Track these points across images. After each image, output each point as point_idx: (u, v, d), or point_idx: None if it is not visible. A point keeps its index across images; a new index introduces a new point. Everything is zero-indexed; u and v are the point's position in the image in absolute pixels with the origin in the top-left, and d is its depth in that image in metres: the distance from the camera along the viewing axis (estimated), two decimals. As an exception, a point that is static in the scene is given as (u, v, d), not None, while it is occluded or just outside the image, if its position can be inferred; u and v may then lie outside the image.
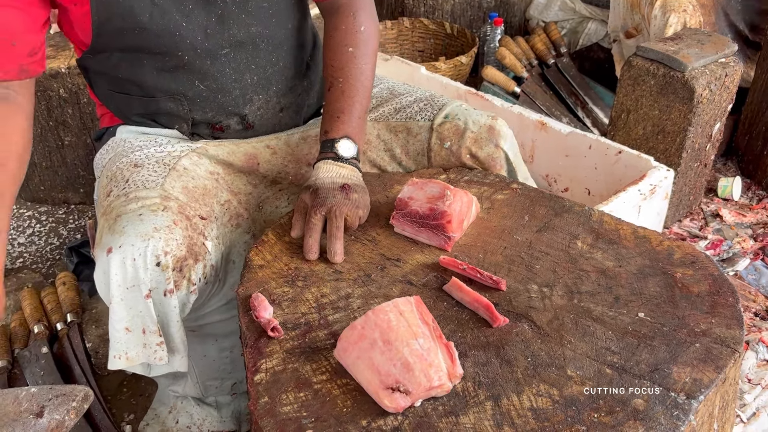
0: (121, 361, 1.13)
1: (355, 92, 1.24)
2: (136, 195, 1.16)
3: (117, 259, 1.07)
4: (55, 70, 2.08)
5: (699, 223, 2.19)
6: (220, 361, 1.42)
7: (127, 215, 1.12)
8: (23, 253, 2.16)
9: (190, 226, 1.15)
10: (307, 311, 1.02)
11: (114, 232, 1.10)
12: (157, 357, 1.14)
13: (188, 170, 1.24)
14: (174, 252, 1.10)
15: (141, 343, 1.13)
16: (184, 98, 1.26)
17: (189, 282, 1.13)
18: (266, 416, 0.86)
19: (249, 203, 1.32)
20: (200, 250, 1.16)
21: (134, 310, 1.10)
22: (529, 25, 3.04)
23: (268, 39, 1.27)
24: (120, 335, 1.12)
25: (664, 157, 2.00)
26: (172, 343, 1.16)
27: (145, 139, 1.30)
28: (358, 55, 1.26)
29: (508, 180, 1.30)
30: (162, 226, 1.11)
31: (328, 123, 1.23)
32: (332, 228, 1.11)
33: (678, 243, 1.11)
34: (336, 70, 1.26)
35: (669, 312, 0.98)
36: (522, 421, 0.83)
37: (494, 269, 1.08)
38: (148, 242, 1.08)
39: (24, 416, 1.02)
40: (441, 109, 1.38)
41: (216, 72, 1.25)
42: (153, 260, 1.08)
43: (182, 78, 1.24)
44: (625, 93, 2.03)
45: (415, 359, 0.86)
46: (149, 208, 1.13)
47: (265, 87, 1.31)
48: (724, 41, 1.99)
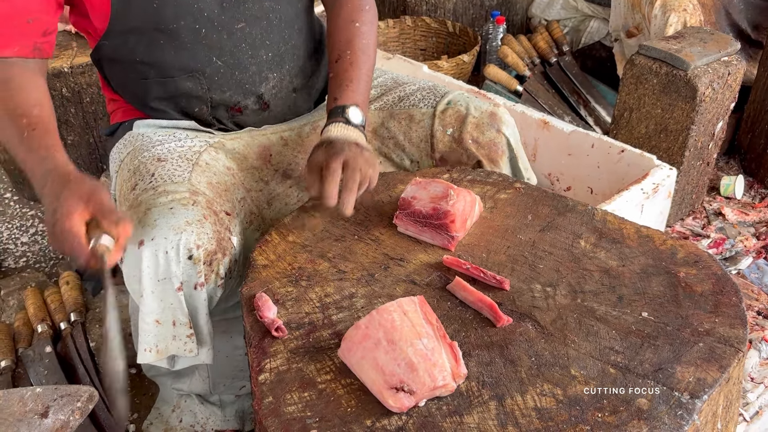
0: (152, 354, 1.15)
1: (363, 64, 1.28)
2: (165, 189, 1.17)
3: (149, 251, 1.08)
4: (57, 70, 2.09)
5: (702, 221, 2.19)
6: (233, 358, 1.43)
7: (158, 208, 1.13)
8: (26, 252, 2.17)
9: (217, 221, 1.17)
10: (311, 311, 1.03)
11: (146, 225, 1.11)
12: (187, 349, 1.15)
13: (210, 165, 1.26)
14: (205, 246, 1.11)
15: (171, 335, 1.14)
16: (202, 76, 1.27)
17: (217, 276, 1.15)
18: (270, 416, 0.86)
19: (259, 200, 1.33)
20: (227, 245, 1.17)
21: (165, 303, 1.11)
22: (532, 24, 3.04)
23: (280, 15, 1.30)
24: (150, 328, 1.13)
25: (666, 155, 2.00)
26: (201, 335, 1.17)
27: (163, 133, 1.31)
28: (364, 31, 1.31)
29: (511, 179, 1.30)
30: (194, 219, 1.12)
31: (337, 91, 1.25)
32: (348, 180, 1.12)
33: (681, 242, 1.11)
34: (343, 44, 1.30)
35: (672, 311, 0.98)
36: (526, 420, 0.84)
37: (497, 269, 1.08)
38: (181, 235, 1.09)
39: (29, 416, 1.02)
40: (443, 96, 1.42)
41: (232, 47, 1.27)
42: (185, 253, 1.09)
43: (200, 54, 1.25)
44: (627, 91, 2.03)
45: (419, 359, 0.86)
46: (179, 201, 1.14)
47: (279, 64, 1.34)
48: (727, 39, 1.99)
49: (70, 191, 0.99)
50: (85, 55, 2.15)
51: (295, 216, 1.23)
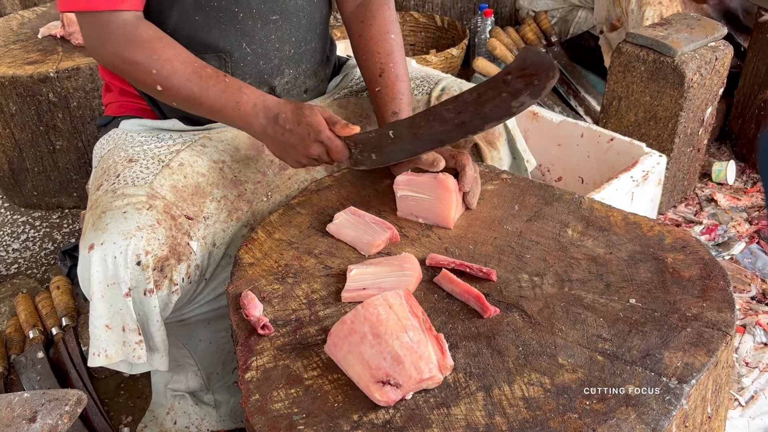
0: (101, 358, 1.13)
1: (405, 75, 1.33)
2: (124, 192, 1.16)
3: (98, 255, 1.07)
4: (44, 75, 2.08)
5: (694, 208, 2.19)
6: (217, 343, 1.42)
7: (112, 212, 1.12)
8: (18, 259, 2.16)
9: (174, 225, 1.15)
10: (298, 307, 1.02)
11: (97, 229, 1.10)
12: (135, 355, 1.13)
13: (183, 166, 1.24)
14: (155, 252, 1.10)
15: (120, 340, 1.12)
16: (229, 58, 1.29)
17: (171, 282, 1.13)
18: (257, 413, 0.86)
19: (257, 192, 1.32)
20: (184, 250, 1.15)
21: (114, 308, 1.10)
22: (519, 15, 3.03)
23: (309, 16, 1.34)
24: (100, 332, 1.12)
25: (656, 143, 2.00)
26: (152, 342, 1.16)
27: (147, 134, 1.31)
28: (399, 42, 1.36)
29: (498, 170, 1.29)
30: (145, 225, 1.10)
31: (392, 104, 1.29)
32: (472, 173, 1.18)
33: (669, 228, 1.10)
34: (384, 56, 1.34)
35: (660, 297, 0.98)
36: (514, 410, 0.83)
37: (485, 260, 1.08)
38: (130, 241, 1.08)
39: (17, 422, 1.02)
40: (437, 83, 1.45)
41: (263, 36, 1.29)
42: (133, 259, 1.08)
43: (231, 37, 1.27)
44: (615, 80, 2.03)
45: (405, 352, 0.86)
46: (134, 206, 1.13)
47: (297, 62, 1.37)
48: (714, 25, 1.98)
49: (309, 105, 1.17)
50: (71, 60, 2.14)
51: (281, 214, 1.23)
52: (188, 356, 1.42)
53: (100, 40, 1.17)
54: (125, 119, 1.35)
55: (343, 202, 1.23)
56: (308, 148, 1.17)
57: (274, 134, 1.17)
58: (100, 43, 1.17)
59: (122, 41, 1.15)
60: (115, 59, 1.17)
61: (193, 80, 1.16)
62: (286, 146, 1.18)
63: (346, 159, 1.20)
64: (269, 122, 1.17)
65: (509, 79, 1.01)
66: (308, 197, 1.26)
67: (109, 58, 1.18)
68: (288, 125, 1.16)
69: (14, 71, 2.09)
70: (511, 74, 1.01)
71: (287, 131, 1.16)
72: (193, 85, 1.16)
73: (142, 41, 1.15)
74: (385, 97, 1.30)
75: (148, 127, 1.33)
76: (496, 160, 1.41)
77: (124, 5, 1.14)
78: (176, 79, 1.16)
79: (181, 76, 1.16)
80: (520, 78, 1.00)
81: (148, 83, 1.17)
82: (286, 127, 1.16)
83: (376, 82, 1.32)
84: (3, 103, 2.13)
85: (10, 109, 2.14)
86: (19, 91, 2.10)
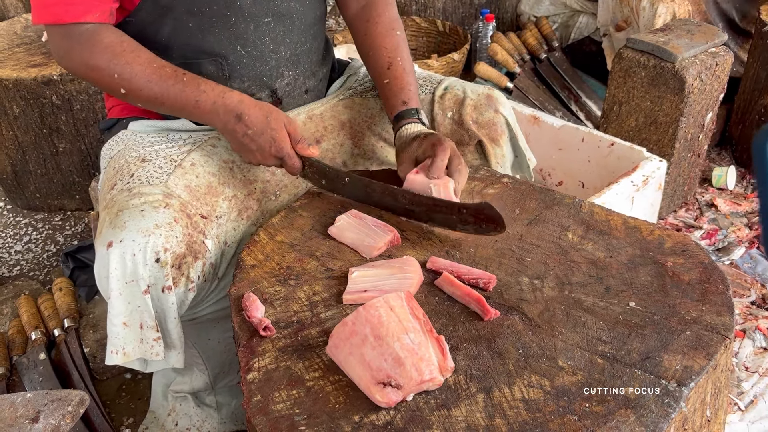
0: (118, 356, 1.14)
1: (411, 68, 1.38)
2: (140, 191, 1.17)
3: (117, 253, 1.08)
4: (47, 78, 2.09)
5: (694, 213, 2.19)
6: (225, 342, 1.43)
7: (129, 210, 1.13)
8: (20, 261, 2.17)
9: (190, 224, 1.17)
10: (300, 309, 1.03)
11: (115, 227, 1.11)
12: (153, 352, 1.14)
13: (195, 166, 1.25)
14: (173, 249, 1.11)
15: (138, 338, 1.13)
16: (225, 62, 1.30)
17: (188, 279, 1.14)
18: (259, 414, 0.86)
19: (266, 191, 1.33)
20: (200, 249, 1.17)
21: (132, 305, 1.11)
22: (521, 21, 3.05)
23: (302, 17, 1.35)
24: (118, 330, 1.12)
25: (657, 148, 2.00)
26: (169, 339, 1.16)
27: (156, 135, 1.32)
28: (404, 39, 1.41)
29: (499, 174, 1.30)
30: (163, 223, 1.11)
31: (401, 94, 1.32)
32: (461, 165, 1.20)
33: (669, 232, 1.11)
34: (390, 51, 1.38)
35: (660, 301, 0.98)
36: (514, 412, 0.84)
37: (485, 263, 1.09)
38: (149, 238, 1.09)
39: (20, 422, 1.02)
40: (440, 83, 1.47)
41: (257, 39, 1.30)
42: (152, 256, 1.09)
43: (226, 41, 1.28)
44: (616, 85, 2.04)
45: (406, 354, 0.86)
46: (151, 204, 1.14)
47: (295, 64, 1.38)
48: (714, 31, 1.99)
49: (278, 114, 1.20)
50: (74, 62, 2.15)
51: (284, 216, 1.23)
52: (196, 356, 1.43)
53: (65, 49, 1.19)
54: (134, 120, 1.36)
55: (344, 205, 1.24)
56: (266, 158, 1.20)
57: (235, 132, 1.19)
58: (66, 52, 1.19)
59: (86, 48, 1.17)
60: (81, 67, 1.19)
61: (154, 81, 1.18)
62: (244, 148, 1.20)
63: (298, 172, 1.24)
64: (231, 120, 1.18)
65: (464, 213, 1.12)
66: (310, 200, 1.27)
67: (75, 67, 1.21)
68: (251, 130, 1.18)
69: (18, 74, 2.10)
70: (467, 210, 1.11)
71: (248, 136, 1.18)
72: (153, 86, 1.18)
73: (104, 46, 1.17)
74: (394, 87, 1.33)
75: (157, 128, 1.34)
76: (499, 157, 1.42)
77: (89, 18, 1.16)
78: (137, 81, 1.17)
79: (142, 78, 1.17)
80: (473, 217, 1.11)
81: (113, 87, 1.19)
82: (248, 132, 1.18)
83: (384, 74, 1.35)
84: (6, 106, 2.14)
85: (13, 111, 2.15)
86: (23, 93, 2.11)
